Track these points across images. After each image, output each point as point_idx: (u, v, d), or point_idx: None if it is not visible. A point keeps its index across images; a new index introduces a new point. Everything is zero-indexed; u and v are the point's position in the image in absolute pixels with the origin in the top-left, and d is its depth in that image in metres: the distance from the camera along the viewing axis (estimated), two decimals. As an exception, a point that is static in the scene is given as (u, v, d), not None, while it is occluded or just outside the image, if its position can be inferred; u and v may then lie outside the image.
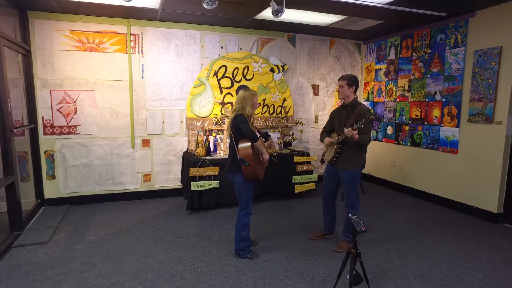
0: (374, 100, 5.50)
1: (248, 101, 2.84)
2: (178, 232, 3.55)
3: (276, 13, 3.10)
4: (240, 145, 2.78)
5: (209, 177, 4.14)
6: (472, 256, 3.04)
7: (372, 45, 5.52)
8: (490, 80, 3.72)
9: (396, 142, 5.11)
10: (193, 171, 4.06)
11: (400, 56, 4.96)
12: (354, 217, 2.13)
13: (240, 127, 2.75)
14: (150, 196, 4.71)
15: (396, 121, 5.08)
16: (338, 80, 3.09)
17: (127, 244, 3.25)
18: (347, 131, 2.75)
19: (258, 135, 3.05)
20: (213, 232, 3.57)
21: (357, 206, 3.10)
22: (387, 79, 5.24)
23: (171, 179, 4.78)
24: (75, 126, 4.26)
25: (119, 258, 2.96)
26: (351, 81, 3.01)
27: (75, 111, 4.24)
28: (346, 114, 3.05)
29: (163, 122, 4.65)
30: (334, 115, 3.24)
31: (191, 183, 4.06)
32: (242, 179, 2.84)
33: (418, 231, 3.61)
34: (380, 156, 5.38)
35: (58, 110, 4.16)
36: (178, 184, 4.76)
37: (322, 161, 3.34)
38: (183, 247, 3.20)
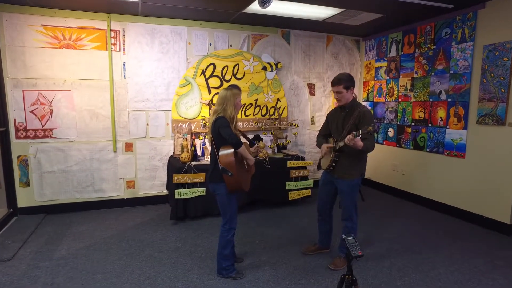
0: (374, 100, 5.17)
1: (230, 102, 2.52)
2: (158, 246, 3.23)
3: (263, 3, 2.78)
4: (221, 152, 2.45)
5: (194, 184, 3.82)
6: (485, 276, 2.70)
7: (372, 41, 5.19)
8: (502, 78, 3.38)
9: (397, 145, 4.78)
10: (177, 178, 3.74)
11: (402, 53, 4.63)
12: (349, 238, 1.81)
13: (221, 131, 2.43)
14: (133, 204, 4.39)
15: (398, 123, 4.75)
16: (332, 86, 2.69)
17: (99, 261, 2.93)
18: (348, 138, 2.40)
19: (244, 139, 2.74)
20: (197, 245, 3.25)
21: (356, 219, 2.77)
22: (388, 77, 4.91)
23: (156, 185, 4.46)
24: (51, 129, 3.95)
25: (87, 278, 2.64)
26: (348, 83, 2.64)
27: (51, 113, 3.92)
28: (343, 117, 2.72)
29: (147, 124, 4.33)
30: (330, 117, 2.91)
31: (175, 191, 3.74)
32: (225, 190, 2.51)
33: (423, 244, 3.28)
34: (380, 160, 5.04)
35: (31, 112, 3.84)
36: (164, 191, 4.45)
37: (318, 167, 3.01)
38: (161, 264, 2.88)
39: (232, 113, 2.53)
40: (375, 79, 5.15)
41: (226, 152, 2.44)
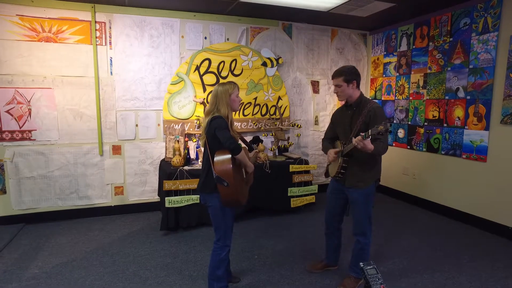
0: (383, 99, 4.80)
1: (222, 100, 2.16)
2: (145, 262, 2.87)
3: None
4: (216, 158, 2.09)
5: (187, 191, 3.46)
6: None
7: (380, 35, 4.82)
8: (530, 72, 3.02)
9: (408, 147, 4.41)
10: (168, 185, 3.38)
11: (414, 46, 4.26)
12: (368, 268, 1.44)
13: (218, 134, 2.07)
14: (122, 212, 4.03)
15: (409, 123, 4.38)
16: (332, 79, 2.36)
17: (77, 281, 2.57)
18: (356, 141, 2.04)
19: (243, 144, 2.38)
20: (189, 261, 2.89)
21: (370, 235, 2.40)
22: (397, 74, 4.54)
23: (147, 191, 4.10)
24: (29, 131, 3.59)
25: (59, 304, 2.28)
26: (349, 75, 2.29)
27: (30, 113, 3.57)
28: (351, 116, 2.36)
29: (136, 125, 3.98)
30: (336, 117, 2.54)
31: (166, 198, 3.38)
32: (218, 202, 2.15)
33: (443, 259, 2.91)
34: (390, 163, 4.67)
35: (7, 111, 3.49)
36: (155, 197, 4.09)
37: (326, 175, 2.64)
38: (146, 285, 2.52)
39: (226, 112, 2.17)
40: (384, 75, 4.79)
41: (223, 158, 2.07)
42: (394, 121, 4.60)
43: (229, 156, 2.04)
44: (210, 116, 2.17)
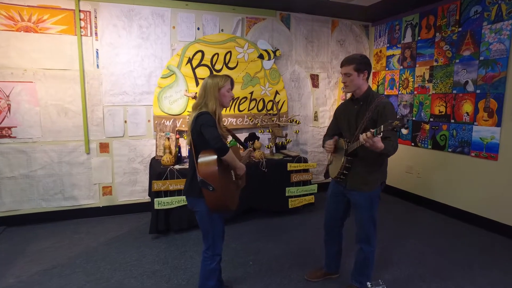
0: (386, 93, 4.57)
1: (210, 93, 1.94)
2: (132, 269, 2.66)
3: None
4: (200, 159, 1.87)
5: (178, 192, 3.25)
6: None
7: (382, 26, 4.58)
8: (548, 64, 2.79)
9: (413, 144, 4.19)
10: (157, 185, 3.16)
11: (419, 38, 4.02)
12: (377, 289, 1.23)
13: (204, 131, 1.85)
14: (111, 213, 3.82)
15: (413, 119, 4.16)
16: (342, 67, 2.12)
17: (55, 291, 2.37)
18: (365, 138, 1.80)
19: (231, 139, 2.16)
20: (178, 268, 2.68)
21: (374, 242, 2.19)
22: (401, 67, 4.31)
23: (137, 191, 3.89)
24: (9, 128, 3.36)
25: (32, 319, 2.08)
26: (361, 64, 2.05)
27: (9, 109, 3.33)
28: (357, 111, 2.13)
29: (125, 121, 3.75)
30: (340, 113, 2.31)
31: (155, 200, 3.17)
32: (206, 207, 1.93)
33: (452, 266, 2.70)
34: (392, 160, 4.41)
35: (-15, 107, 3.26)
36: (146, 198, 3.87)
37: (326, 175, 2.43)
38: (131, 296, 2.31)
39: (214, 107, 1.95)
40: (387, 69, 4.55)
41: (208, 159, 1.85)
42: (398, 116, 4.37)
43: (215, 157, 1.82)
44: (197, 111, 1.95)
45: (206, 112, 1.91)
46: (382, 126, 1.72)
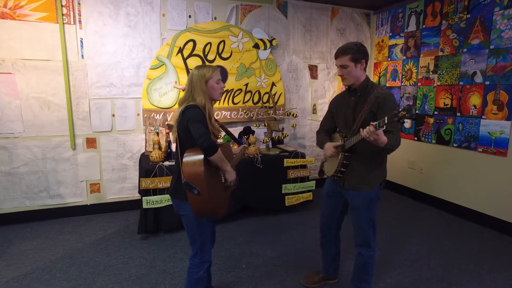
0: (387, 85, 4.37)
1: (197, 86, 1.75)
2: (117, 273, 2.50)
3: None
4: (185, 159, 1.67)
5: (168, 190, 3.05)
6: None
7: (385, 14, 4.35)
8: None
9: (416, 138, 4.00)
10: (145, 183, 2.98)
11: (424, 26, 3.80)
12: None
13: (190, 127, 1.65)
14: (99, 211, 3.65)
15: (417, 112, 3.96)
16: (336, 58, 1.93)
17: (32, 299, 2.20)
18: (368, 131, 1.60)
19: (223, 134, 1.97)
20: (166, 272, 2.51)
21: (374, 245, 2.02)
22: (404, 57, 4.09)
23: (126, 188, 3.71)
24: (-12, 122, 3.17)
25: (4, 331, 1.91)
26: (358, 53, 1.86)
27: (-13, 102, 3.14)
28: (354, 103, 1.94)
29: (113, 115, 3.55)
30: (336, 105, 2.11)
31: (143, 198, 2.99)
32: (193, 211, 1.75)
33: (458, 269, 2.54)
34: (394, 155, 4.24)
35: (-40, 100, 3.06)
36: (136, 195, 3.69)
37: (320, 174, 2.25)
38: (113, 304, 2.15)
39: (203, 101, 1.75)
40: (389, 59, 4.34)
41: (193, 159, 1.66)
42: (400, 109, 4.18)
43: (202, 156, 1.63)
44: (184, 105, 1.75)
45: (194, 106, 1.72)
46: (386, 118, 1.52)
